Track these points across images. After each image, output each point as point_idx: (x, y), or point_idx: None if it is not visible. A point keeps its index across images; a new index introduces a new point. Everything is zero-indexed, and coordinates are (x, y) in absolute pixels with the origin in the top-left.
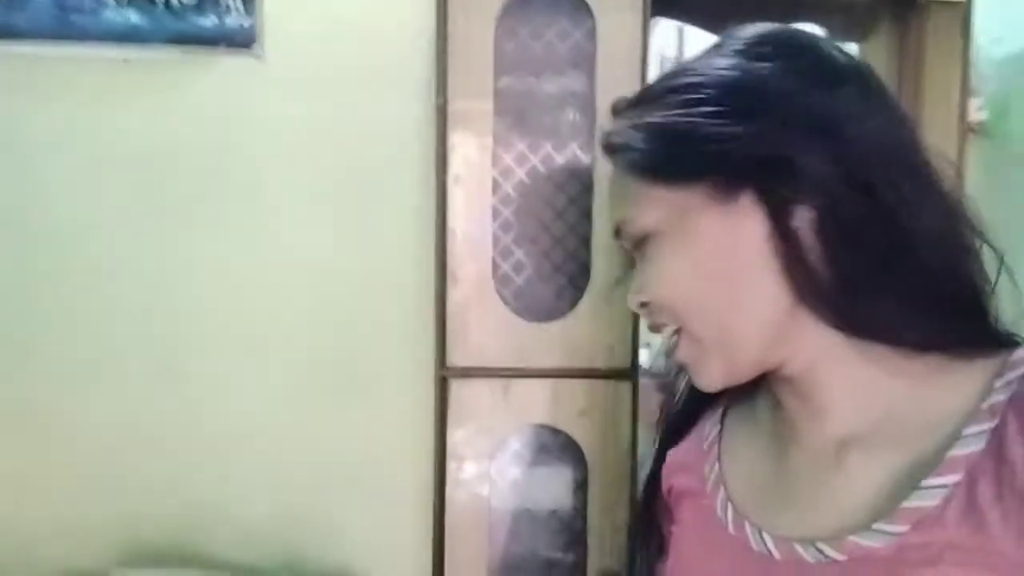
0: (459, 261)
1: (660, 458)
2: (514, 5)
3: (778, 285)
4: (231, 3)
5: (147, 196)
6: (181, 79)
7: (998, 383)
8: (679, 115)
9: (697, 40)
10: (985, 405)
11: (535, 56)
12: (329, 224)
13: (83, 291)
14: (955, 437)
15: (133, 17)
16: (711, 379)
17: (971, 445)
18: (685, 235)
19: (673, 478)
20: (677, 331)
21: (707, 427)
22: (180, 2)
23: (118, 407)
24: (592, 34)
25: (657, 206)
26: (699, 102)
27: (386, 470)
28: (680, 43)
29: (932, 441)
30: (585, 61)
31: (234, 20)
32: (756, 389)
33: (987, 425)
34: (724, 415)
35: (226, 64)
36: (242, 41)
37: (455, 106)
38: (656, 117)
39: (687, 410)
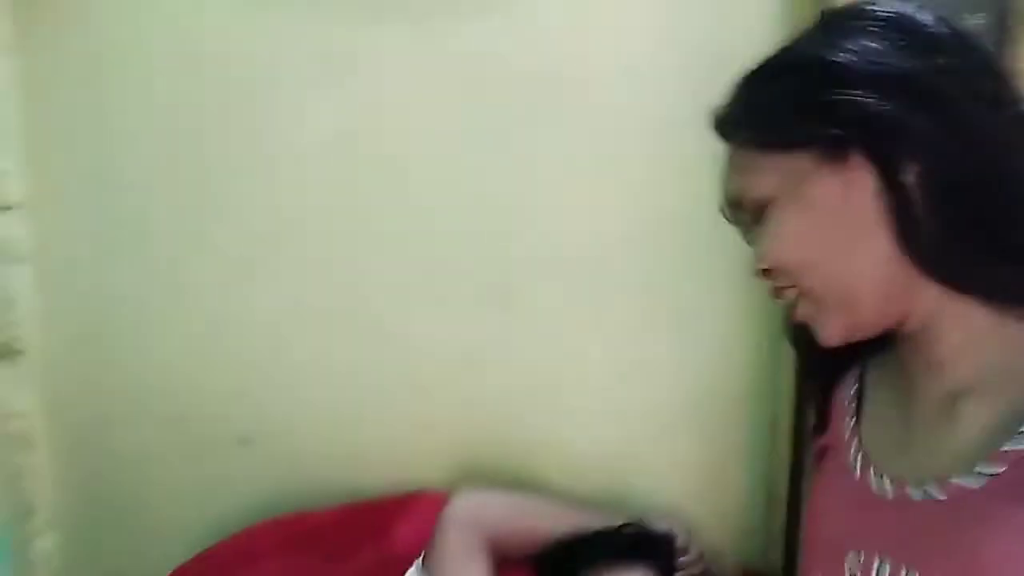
0: None
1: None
2: None
3: (889, 242)
4: None
5: (476, 120)
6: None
7: None
8: (785, 87)
9: None
10: None
11: None
12: (664, 155)
13: (414, 213)
14: None
15: None
16: (832, 334)
17: None
18: (800, 198)
19: (823, 438)
20: (796, 291)
21: (847, 386)
22: None
23: (450, 329)
24: None
25: (772, 174)
26: (803, 73)
27: (722, 408)
28: None
29: None
30: None
31: None
32: (889, 350)
33: None
34: (863, 374)
35: None
36: None
37: None
38: (764, 91)
39: (828, 371)
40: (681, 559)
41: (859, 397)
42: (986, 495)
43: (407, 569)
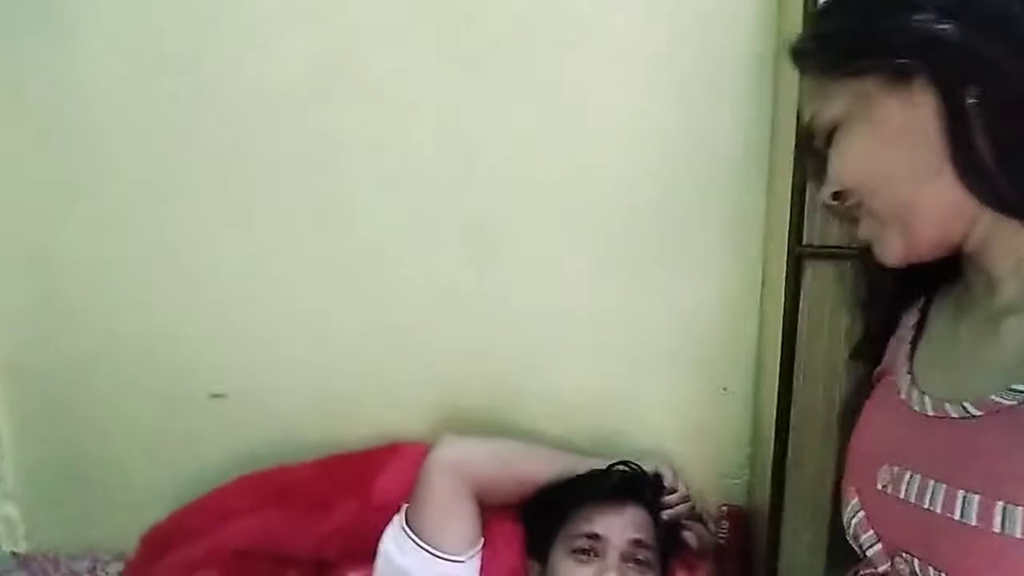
0: None
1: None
2: None
3: (948, 165)
4: None
5: (453, 51)
6: None
7: None
8: (852, 13)
9: None
10: None
11: None
12: (653, 85)
13: (392, 152)
14: None
15: None
16: (892, 253)
17: None
18: (867, 120)
19: (880, 366)
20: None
21: (910, 316)
22: None
23: (431, 274)
24: None
25: (841, 98)
26: (868, 3)
27: (706, 351)
28: None
29: None
30: None
31: None
32: (954, 284)
33: None
34: (927, 307)
35: None
36: None
37: None
38: (833, 19)
39: (894, 301)
40: (668, 498)
41: (919, 328)
42: (1019, 413)
43: (390, 520)
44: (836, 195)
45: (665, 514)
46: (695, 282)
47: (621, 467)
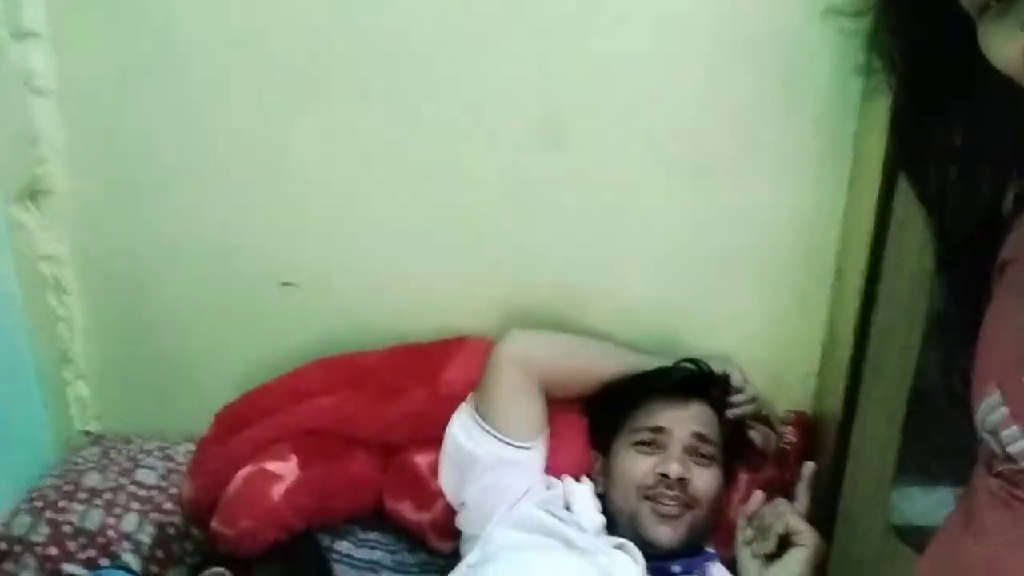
0: None
1: None
2: None
3: None
4: None
5: None
6: None
7: None
8: None
9: None
10: None
11: None
12: None
13: (466, 41)
14: None
15: None
16: None
17: None
18: None
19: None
20: None
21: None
22: None
23: (501, 168)
24: None
25: None
26: None
27: (783, 259)
28: None
29: None
30: None
31: None
32: None
33: None
34: None
35: None
36: None
37: None
38: None
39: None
40: (735, 398)
41: None
42: None
43: (456, 409)
44: None
45: (730, 413)
46: (780, 190)
47: (688, 364)
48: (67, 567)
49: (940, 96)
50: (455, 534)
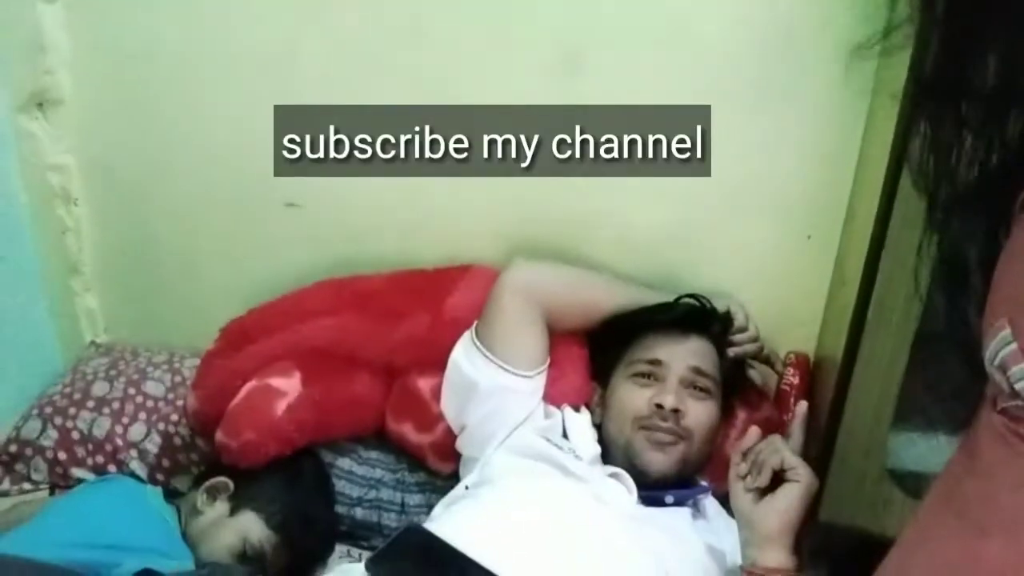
0: None
1: None
2: None
3: None
4: None
5: None
6: None
7: None
8: None
9: None
10: None
11: None
12: None
13: None
14: None
15: None
16: None
17: None
18: None
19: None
20: None
21: None
22: None
23: (515, 96)
24: None
25: None
26: None
27: (792, 195)
28: None
29: None
30: None
31: None
32: None
33: None
34: None
35: None
36: None
37: None
38: None
39: None
40: (736, 336)
41: None
42: None
43: (459, 335)
44: None
45: (731, 351)
46: (791, 122)
47: (690, 299)
48: (76, 471)
49: (972, 30)
50: (455, 456)
